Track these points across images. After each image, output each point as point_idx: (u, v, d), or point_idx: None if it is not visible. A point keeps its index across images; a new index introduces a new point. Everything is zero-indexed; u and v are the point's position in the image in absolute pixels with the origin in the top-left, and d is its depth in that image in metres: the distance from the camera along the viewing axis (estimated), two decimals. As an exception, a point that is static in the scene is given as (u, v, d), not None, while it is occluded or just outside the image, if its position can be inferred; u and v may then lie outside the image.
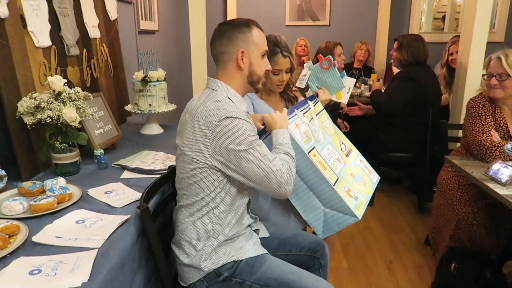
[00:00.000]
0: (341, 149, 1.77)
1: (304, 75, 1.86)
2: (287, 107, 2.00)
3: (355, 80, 1.90)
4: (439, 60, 4.35)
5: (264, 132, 1.56)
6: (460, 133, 2.62)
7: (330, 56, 1.80)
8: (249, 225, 1.48)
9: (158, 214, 1.46)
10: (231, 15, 5.28)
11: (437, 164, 2.63)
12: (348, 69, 4.65)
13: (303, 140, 1.56)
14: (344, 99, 1.89)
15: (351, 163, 1.77)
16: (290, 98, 2.00)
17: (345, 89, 1.87)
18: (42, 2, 1.80)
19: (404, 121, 3.09)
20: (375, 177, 1.81)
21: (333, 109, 3.21)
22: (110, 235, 1.19)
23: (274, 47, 1.81)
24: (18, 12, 1.65)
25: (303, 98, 1.85)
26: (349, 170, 1.73)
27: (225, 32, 1.35)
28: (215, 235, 1.33)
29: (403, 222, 3.07)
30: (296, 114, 1.65)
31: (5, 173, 1.48)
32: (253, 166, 1.24)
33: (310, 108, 1.73)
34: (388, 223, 3.06)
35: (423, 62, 3.03)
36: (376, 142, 3.28)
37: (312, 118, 1.70)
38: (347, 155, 1.78)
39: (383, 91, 3.31)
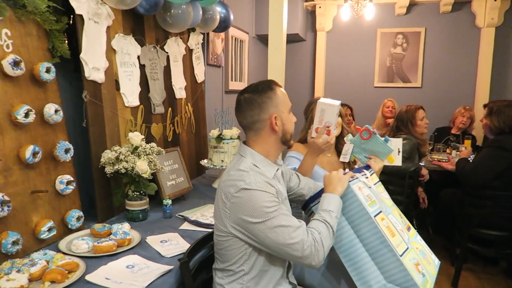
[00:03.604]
0: (402, 222, 1.65)
1: (347, 150, 1.82)
2: (345, 168, 1.96)
3: (401, 139, 1.81)
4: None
5: (317, 196, 1.53)
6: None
7: (367, 125, 1.75)
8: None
9: (203, 268, 1.52)
10: (319, 77, 5.45)
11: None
12: (444, 133, 4.36)
13: (368, 203, 1.46)
14: (397, 161, 1.80)
15: (413, 238, 1.64)
16: None
17: (395, 151, 1.79)
18: (135, 69, 2.11)
19: (495, 195, 2.77)
20: (436, 260, 1.63)
21: (412, 176, 3.06)
22: (149, 283, 1.28)
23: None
24: (113, 77, 1.96)
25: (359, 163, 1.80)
26: (415, 244, 1.60)
27: (254, 101, 1.35)
28: None
29: (493, 312, 2.67)
30: (357, 178, 1.57)
31: (82, 215, 1.71)
32: (270, 238, 1.22)
33: (367, 177, 1.68)
34: (473, 310, 2.68)
35: (517, 130, 2.74)
36: (463, 215, 2.97)
37: (370, 187, 1.64)
38: (407, 230, 1.65)
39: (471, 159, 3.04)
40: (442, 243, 3.51)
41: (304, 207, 1.67)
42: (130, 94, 2.07)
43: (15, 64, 1.44)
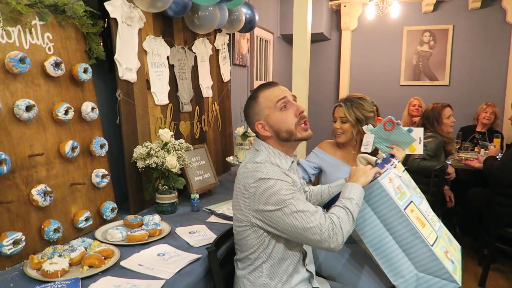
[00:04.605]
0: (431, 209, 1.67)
1: (368, 140, 1.83)
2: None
3: (422, 128, 1.81)
4: None
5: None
6: None
7: (389, 116, 1.76)
8: (309, 281, 1.49)
9: (229, 258, 1.58)
10: (344, 76, 5.45)
11: None
12: (469, 132, 4.30)
13: (397, 196, 1.48)
14: (418, 150, 1.81)
15: (439, 223, 1.65)
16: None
17: (417, 140, 1.80)
18: (165, 69, 2.21)
19: (525, 194, 2.72)
20: (458, 246, 1.65)
21: (438, 174, 3.03)
22: (179, 270, 1.36)
23: (340, 101, 2.03)
24: (145, 77, 2.06)
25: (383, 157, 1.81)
26: (444, 230, 1.62)
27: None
28: None
29: (521, 312, 2.62)
30: (387, 169, 1.59)
31: (116, 206, 1.81)
32: (289, 223, 1.27)
33: (395, 166, 1.69)
34: (501, 310, 2.65)
35: (549, 128, 2.69)
36: (491, 214, 2.93)
37: (401, 176, 1.65)
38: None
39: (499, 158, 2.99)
40: (469, 243, 3.46)
41: (326, 206, 1.72)
42: (160, 93, 2.16)
43: (56, 65, 1.55)
